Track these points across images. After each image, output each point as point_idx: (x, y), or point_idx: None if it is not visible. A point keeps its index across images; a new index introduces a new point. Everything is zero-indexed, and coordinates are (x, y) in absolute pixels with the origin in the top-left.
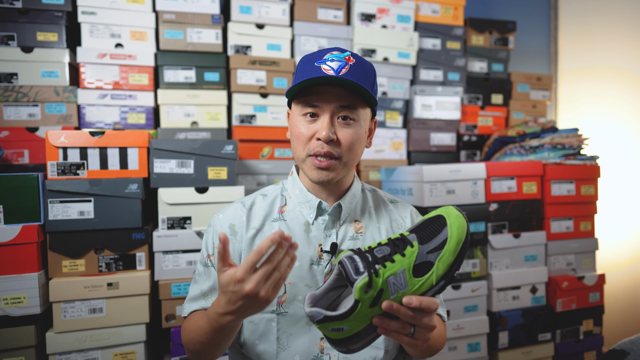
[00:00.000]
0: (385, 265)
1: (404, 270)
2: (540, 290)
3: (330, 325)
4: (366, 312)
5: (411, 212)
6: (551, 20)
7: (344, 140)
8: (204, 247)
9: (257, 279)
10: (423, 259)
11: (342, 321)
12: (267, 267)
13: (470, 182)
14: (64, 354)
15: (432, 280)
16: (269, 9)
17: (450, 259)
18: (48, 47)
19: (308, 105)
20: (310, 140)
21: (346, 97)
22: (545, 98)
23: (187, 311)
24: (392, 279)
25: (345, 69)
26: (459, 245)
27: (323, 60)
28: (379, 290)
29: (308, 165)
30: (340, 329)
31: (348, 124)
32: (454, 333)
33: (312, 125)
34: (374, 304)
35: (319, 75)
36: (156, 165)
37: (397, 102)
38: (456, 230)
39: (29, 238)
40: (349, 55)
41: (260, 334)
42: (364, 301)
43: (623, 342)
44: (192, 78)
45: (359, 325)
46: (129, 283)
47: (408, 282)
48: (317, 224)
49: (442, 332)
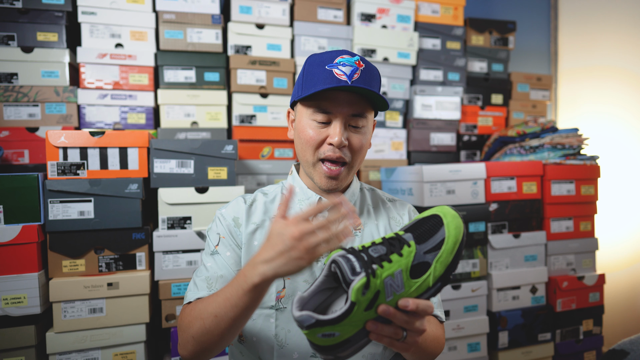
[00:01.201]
0: (382, 265)
1: (402, 271)
2: (540, 290)
3: (321, 330)
4: (360, 316)
5: (409, 210)
6: (551, 20)
7: (355, 145)
8: (209, 240)
9: (304, 227)
10: (420, 259)
11: (335, 326)
12: (318, 223)
13: (470, 182)
14: (64, 354)
15: (429, 282)
16: (269, 9)
17: (448, 259)
18: (48, 47)
19: (320, 111)
20: (321, 144)
21: (358, 104)
22: (545, 98)
23: (194, 296)
24: (389, 280)
25: (357, 74)
26: (456, 246)
27: (334, 65)
28: (375, 292)
29: (318, 172)
30: (331, 334)
31: (358, 130)
32: (454, 333)
33: (323, 130)
34: (369, 307)
35: (336, 82)
36: (156, 165)
37: (397, 102)
38: (454, 230)
39: (29, 238)
40: (359, 60)
41: (259, 330)
42: (360, 304)
43: (623, 342)
44: (192, 78)
45: (351, 331)
46: (129, 283)
47: (405, 283)
48: (317, 221)
49: (440, 334)
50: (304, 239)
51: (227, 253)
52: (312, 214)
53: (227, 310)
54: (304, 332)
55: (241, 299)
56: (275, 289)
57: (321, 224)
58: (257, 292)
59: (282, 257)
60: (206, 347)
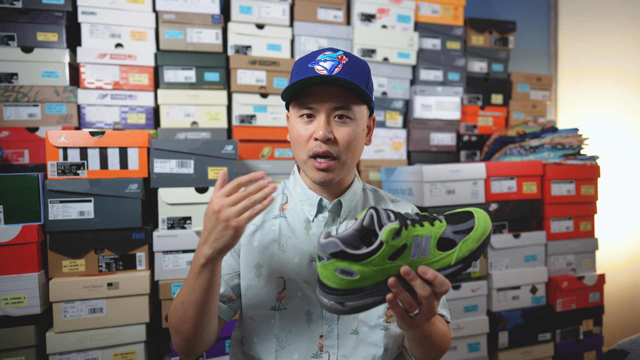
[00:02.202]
0: (415, 225)
1: (430, 237)
2: (540, 290)
3: (341, 264)
4: (383, 264)
5: (412, 210)
6: (551, 20)
7: (341, 138)
8: None
9: (222, 200)
10: (449, 235)
11: (357, 264)
12: (237, 195)
13: (470, 182)
14: (64, 354)
15: (452, 259)
16: (269, 9)
17: (473, 245)
18: (48, 47)
19: (304, 107)
20: (308, 141)
21: (340, 97)
22: (545, 98)
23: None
24: (418, 240)
25: (339, 68)
26: (483, 236)
27: (316, 61)
28: (403, 244)
29: (309, 167)
30: (350, 272)
31: (344, 123)
32: (454, 333)
33: (309, 126)
34: (393, 256)
35: (311, 75)
36: (156, 165)
37: (397, 102)
38: (483, 223)
39: (29, 238)
40: (342, 55)
41: (260, 332)
42: (387, 247)
43: (623, 342)
44: (192, 78)
45: (369, 279)
46: (129, 283)
47: (431, 250)
48: (318, 221)
49: (446, 332)
50: (222, 210)
51: None
52: (232, 187)
53: (189, 295)
54: (323, 264)
55: (196, 282)
56: (275, 289)
57: (238, 194)
58: (208, 272)
59: (213, 233)
60: (185, 336)
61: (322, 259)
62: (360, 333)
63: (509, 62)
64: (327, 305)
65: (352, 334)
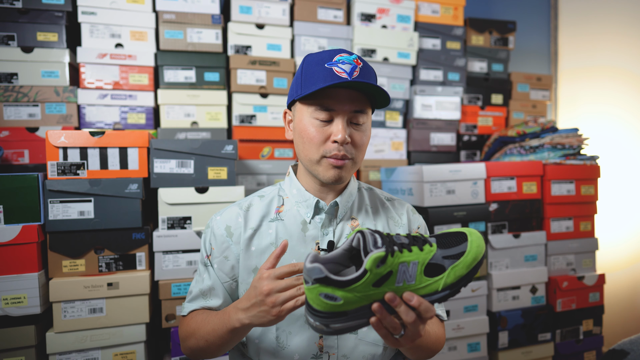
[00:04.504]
0: (402, 250)
1: (417, 264)
2: (540, 290)
3: (325, 290)
4: (367, 290)
5: (407, 209)
6: (551, 20)
7: (358, 142)
8: (202, 247)
9: (274, 284)
10: (438, 261)
11: (341, 290)
12: (288, 281)
13: (470, 182)
14: (64, 354)
15: (439, 285)
16: (269, 9)
17: (462, 272)
18: (48, 47)
19: (323, 109)
20: (325, 142)
21: (359, 100)
22: (545, 98)
23: (187, 310)
24: (404, 266)
25: (357, 72)
26: (474, 262)
27: (334, 63)
28: (388, 271)
29: (322, 166)
30: (334, 297)
31: (360, 126)
32: (454, 333)
33: (326, 128)
34: (378, 283)
35: (337, 79)
36: (156, 165)
37: (397, 102)
38: (475, 248)
39: (29, 238)
40: (357, 58)
41: (260, 333)
42: (371, 275)
43: (623, 342)
44: (192, 78)
45: (353, 304)
46: (129, 283)
47: (417, 277)
48: (314, 223)
49: (440, 333)
50: (271, 295)
51: (216, 265)
52: (288, 271)
53: (215, 339)
54: (308, 287)
55: (226, 334)
56: None
57: (290, 281)
58: (239, 332)
59: (255, 309)
60: (201, 358)
61: (307, 282)
62: (359, 333)
63: (509, 62)
64: (314, 326)
65: (351, 333)
